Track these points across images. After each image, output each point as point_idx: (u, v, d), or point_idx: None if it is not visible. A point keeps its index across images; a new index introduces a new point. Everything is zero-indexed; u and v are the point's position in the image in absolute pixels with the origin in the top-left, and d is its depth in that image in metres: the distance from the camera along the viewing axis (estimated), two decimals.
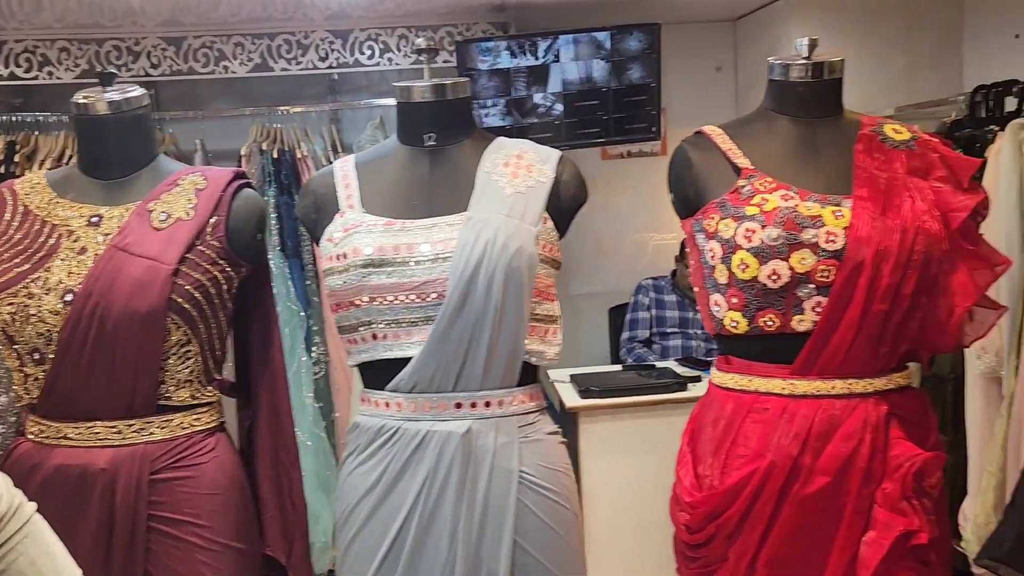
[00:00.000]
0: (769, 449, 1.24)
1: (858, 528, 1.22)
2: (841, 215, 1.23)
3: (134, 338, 1.24)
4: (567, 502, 1.29)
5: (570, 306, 3.93)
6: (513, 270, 1.19)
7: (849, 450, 1.22)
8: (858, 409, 1.23)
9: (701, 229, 1.33)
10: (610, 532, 2.69)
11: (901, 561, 1.20)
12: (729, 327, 1.31)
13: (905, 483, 1.20)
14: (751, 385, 1.29)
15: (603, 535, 2.74)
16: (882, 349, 1.23)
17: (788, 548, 1.24)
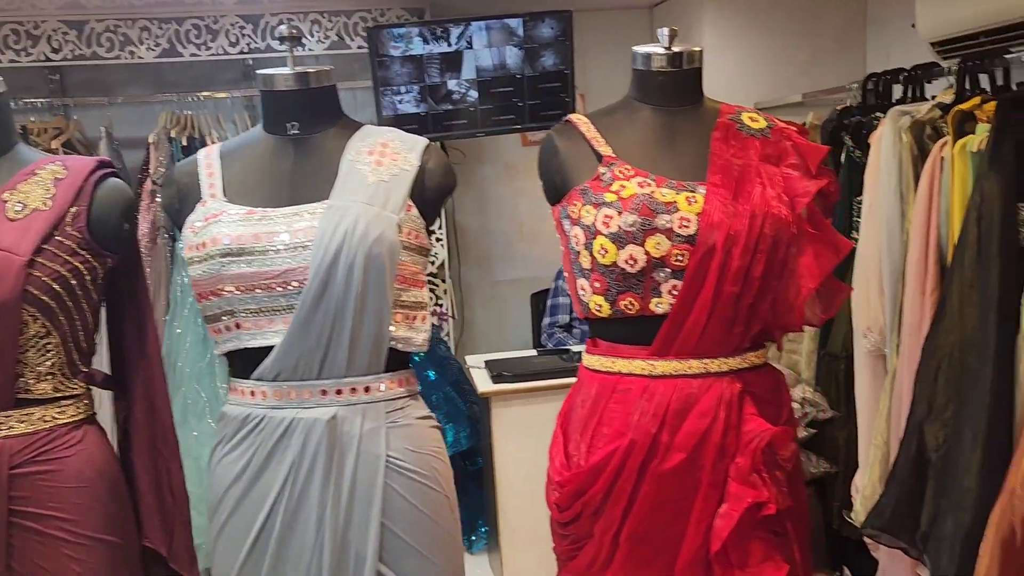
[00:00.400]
0: (630, 428, 1.29)
1: (713, 501, 1.27)
2: (695, 201, 1.27)
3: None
4: (437, 485, 1.31)
5: (493, 292, 3.97)
6: (373, 257, 1.21)
7: (704, 426, 1.27)
8: (713, 387, 1.28)
9: (567, 215, 1.36)
10: (523, 514, 2.74)
11: (753, 531, 1.25)
12: (594, 311, 1.34)
13: (755, 457, 1.25)
14: (615, 366, 1.33)
15: (516, 517, 2.79)
16: (735, 329, 1.28)
17: (649, 522, 1.28)
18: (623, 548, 1.29)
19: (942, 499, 1.88)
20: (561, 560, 1.41)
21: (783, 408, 1.34)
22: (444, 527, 1.31)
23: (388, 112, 3.21)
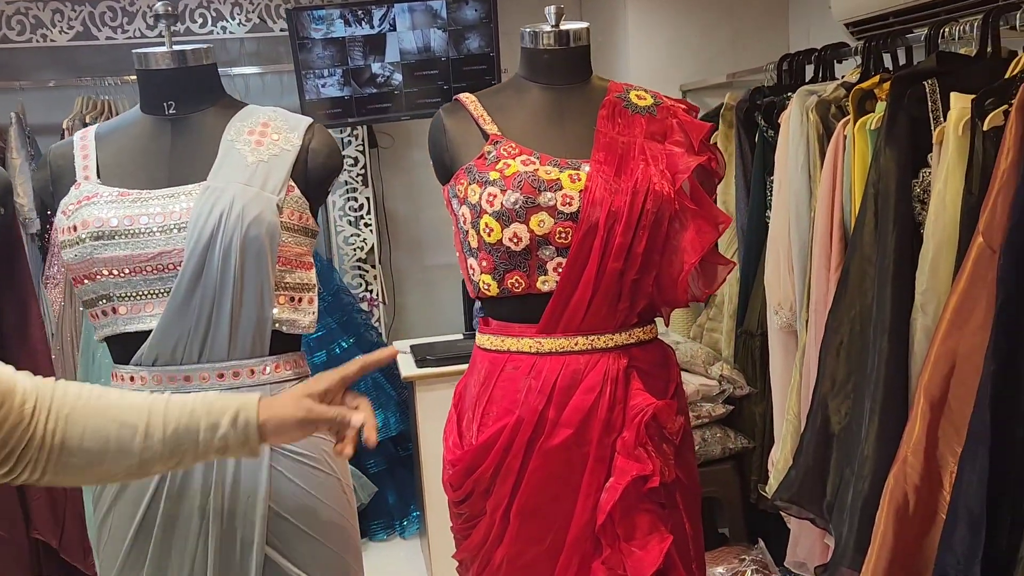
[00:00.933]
0: (518, 405, 1.29)
1: (600, 476, 1.29)
2: (578, 179, 1.28)
3: None
4: (326, 467, 1.30)
5: (424, 277, 3.95)
6: (251, 239, 1.19)
7: (590, 402, 1.28)
8: (600, 363, 1.29)
9: (454, 194, 1.36)
10: None
11: (639, 504, 1.27)
12: (483, 290, 1.34)
13: (640, 431, 1.27)
14: (504, 345, 1.34)
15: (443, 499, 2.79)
16: (620, 305, 1.29)
17: (538, 497, 1.29)
18: (513, 524, 1.30)
19: (845, 469, 1.93)
20: (457, 539, 1.42)
21: (671, 383, 1.36)
22: (336, 509, 1.31)
23: (311, 96, 3.17)
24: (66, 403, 0.93)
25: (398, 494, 3.42)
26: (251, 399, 1.01)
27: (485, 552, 1.33)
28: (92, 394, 0.96)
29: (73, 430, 0.93)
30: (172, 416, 0.98)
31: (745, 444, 2.59)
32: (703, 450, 2.53)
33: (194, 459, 1.00)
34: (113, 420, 0.95)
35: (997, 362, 1.49)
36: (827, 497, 2.00)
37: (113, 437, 0.94)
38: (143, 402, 0.98)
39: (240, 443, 0.99)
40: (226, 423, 0.98)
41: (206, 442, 0.98)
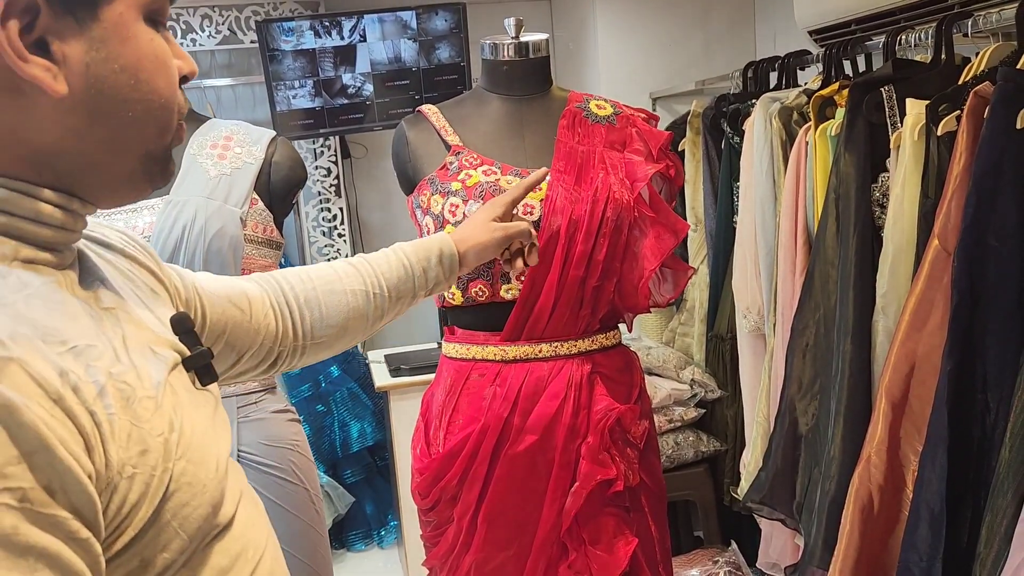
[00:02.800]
0: (483, 412, 1.31)
1: (566, 481, 1.30)
2: (538, 188, 1.30)
3: None
4: (294, 478, 1.31)
5: None
6: (214, 252, 1.20)
7: (554, 408, 1.29)
8: (564, 370, 1.31)
9: (418, 205, 1.37)
10: None
11: (603, 508, 1.29)
12: (448, 299, 1.36)
13: (604, 436, 1.28)
14: (469, 353, 1.35)
15: None
16: (582, 312, 1.31)
17: (504, 504, 1.31)
18: (480, 530, 1.31)
19: (813, 470, 1.96)
20: (427, 546, 1.43)
21: (634, 388, 1.38)
22: (304, 519, 1.31)
23: (282, 107, 3.17)
24: (298, 292, 0.96)
25: (375, 504, 3.42)
26: (445, 236, 1.11)
27: (454, 559, 1.34)
28: (311, 275, 0.99)
29: (315, 314, 0.97)
30: (387, 274, 1.04)
31: (717, 447, 2.61)
32: (676, 454, 2.56)
33: (411, 302, 1.08)
34: (343, 292, 0.99)
35: (953, 362, 1.53)
36: (796, 498, 2.03)
37: (350, 307, 0.99)
38: (352, 268, 1.02)
39: (448, 275, 1.10)
40: (435, 263, 1.08)
41: (421, 283, 1.07)
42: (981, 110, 1.56)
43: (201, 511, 0.59)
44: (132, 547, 0.55)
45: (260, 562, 0.67)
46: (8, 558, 0.46)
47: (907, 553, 1.61)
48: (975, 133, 1.57)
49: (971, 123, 1.58)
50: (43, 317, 0.53)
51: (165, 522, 0.56)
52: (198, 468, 0.60)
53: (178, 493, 0.57)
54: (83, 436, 0.51)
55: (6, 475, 0.47)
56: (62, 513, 0.49)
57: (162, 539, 0.56)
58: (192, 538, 0.59)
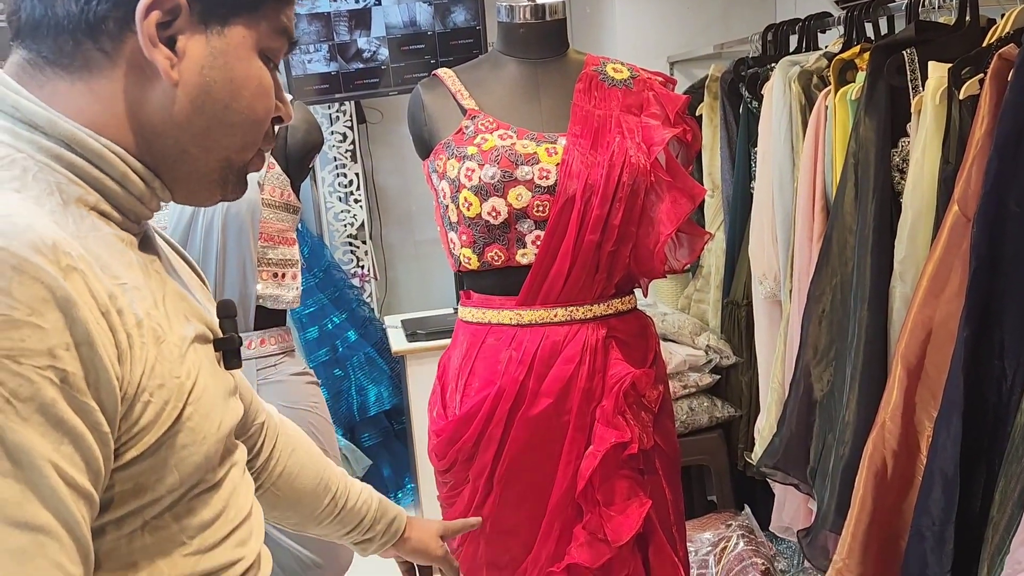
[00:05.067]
0: (499, 376, 1.32)
1: (580, 444, 1.32)
2: (555, 152, 1.29)
3: None
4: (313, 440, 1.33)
5: (416, 252, 3.97)
6: (232, 216, 1.21)
7: (570, 372, 1.30)
8: (579, 334, 1.32)
9: (434, 170, 1.37)
10: None
11: (618, 471, 1.30)
12: (464, 263, 1.36)
13: (619, 399, 1.29)
14: (485, 317, 1.36)
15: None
16: (598, 277, 1.31)
17: (519, 465, 1.32)
18: (496, 490, 1.33)
19: (828, 435, 1.97)
20: (443, 507, 1.45)
21: (649, 352, 1.38)
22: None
23: (298, 71, 3.16)
24: (288, 437, 0.97)
25: (393, 467, 3.47)
26: (403, 514, 1.09)
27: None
28: (303, 439, 1.00)
29: (293, 467, 0.96)
30: (353, 493, 1.03)
31: (732, 413, 2.62)
32: (690, 419, 2.57)
33: (342, 537, 1.05)
34: (320, 474, 0.98)
35: (970, 328, 1.52)
36: (810, 463, 2.04)
37: (313, 489, 0.97)
38: (337, 470, 1.03)
39: (380, 544, 1.06)
40: (383, 524, 1.05)
41: (363, 529, 1.04)
42: (1005, 73, 1.54)
43: (196, 459, 0.65)
44: (131, 467, 0.61)
45: (240, 525, 0.72)
46: (44, 424, 0.54)
47: (920, 518, 1.62)
48: (998, 97, 1.54)
49: (994, 87, 1.56)
50: (105, 255, 0.61)
51: (164, 456, 0.63)
52: (203, 420, 0.66)
53: (181, 434, 0.64)
54: (118, 349, 0.58)
55: (56, 356, 0.54)
56: (92, 404, 0.56)
57: (158, 471, 0.63)
58: (184, 481, 0.65)
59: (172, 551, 0.65)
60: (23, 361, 0.53)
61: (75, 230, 0.60)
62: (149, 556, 0.63)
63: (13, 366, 0.53)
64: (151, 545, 0.64)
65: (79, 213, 0.62)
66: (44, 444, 0.54)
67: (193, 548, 0.66)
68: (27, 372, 0.53)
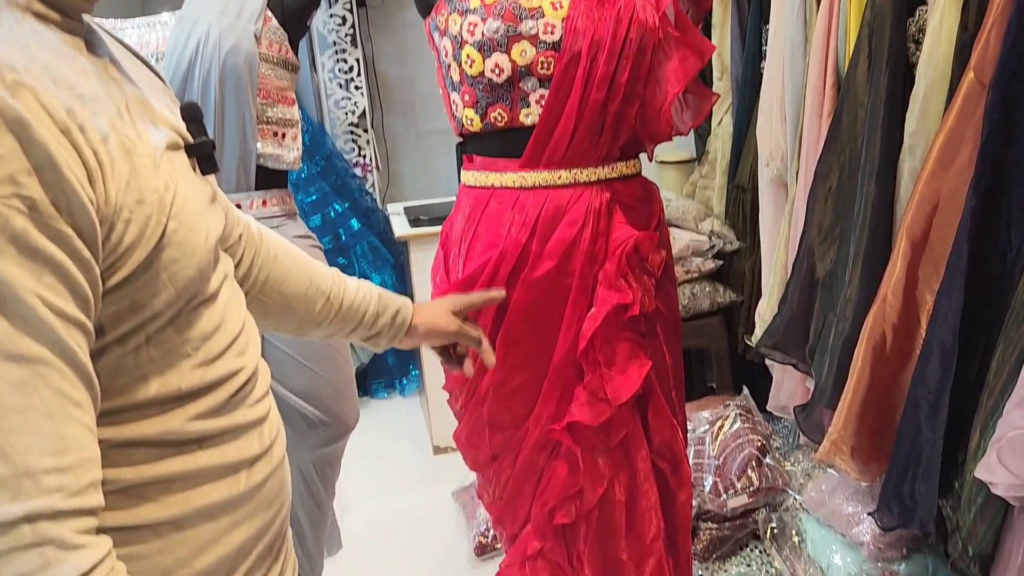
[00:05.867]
0: (501, 239, 1.32)
1: (583, 307, 1.32)
2: (560, 6, 1.25)
3: None
4: None
5: (419, 143, 3.91)
6: (229, 68, 1.18)
7: (573, 235, 1.30)
8: (583, 197, 1.31)
9: (436, 27, 1.33)
10: None
11: (619, 332, 1.31)
12: (467, 125, 1.34)
13: (621, 262, 1.29)
14: (488, 180, 1.35)
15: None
16: (603, 138, 1.29)
17: (521, 327, 1.33)
18: (499, 352, 1.34)
19: (829, 313, 1.98)
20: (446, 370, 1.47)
21: (653, 217, 1.37)
22: (329, 342, 1.35)
23: None
24: (271, 244, 0.95)
25: (397, 354, 3.51)
26: (408, 302, 1.08)
27: (472, 381, 1.38)
28: (287, 245, 0.98)
29: (278, 273, 0.94)
30: (350, 291, 1.02)
31: (734, 298, 2.63)
32: (692, 304, 2.59)
33: (347, 335, 1.05)
34: (309, 276, 0.97)
35: (978, 198, 1.51)
36: (809, 342, 2.06)
37: (305, 290, 0.97)
38: (327, 269, 1.02)
39: (390, 337, 1.07)
40: (387, 316, 1.04)
41: (367, 326, 1.03)
42: None
43: (189, 272, 0.65)
44: (125, 287, 0.60)
45: (238, 336, 0.73)
46: (18, 256, 0.52)
47: (916, 387, 1.64)
48: None
49: None
50: (54, 63, 0.56)
51: (156, 272, 0.62)
52: (190, 232, 0.64)
53: (169, 249, 0.63)
54: (87, 169, 0.55)
55: (18, 183, 0.51)
56: (67, 230, 0.54)
57: (153, 286, 0.62)
58: (179, 295, 0.65)
59: (178, 363, 0.66)
60: None
61: (13, 37, 0.55)
62: (158, 369, 0.64)
63: None
64: (158, 358, 0.64)
65: (13, 17, 0.57)
66: (24, 276, 0.52)
67: (199, 360, 0.67)
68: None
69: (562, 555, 1.38)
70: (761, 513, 2.20)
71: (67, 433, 0.55)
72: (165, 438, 0.65)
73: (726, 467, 2.23)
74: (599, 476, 1.34)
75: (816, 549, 2.04)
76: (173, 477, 0.66)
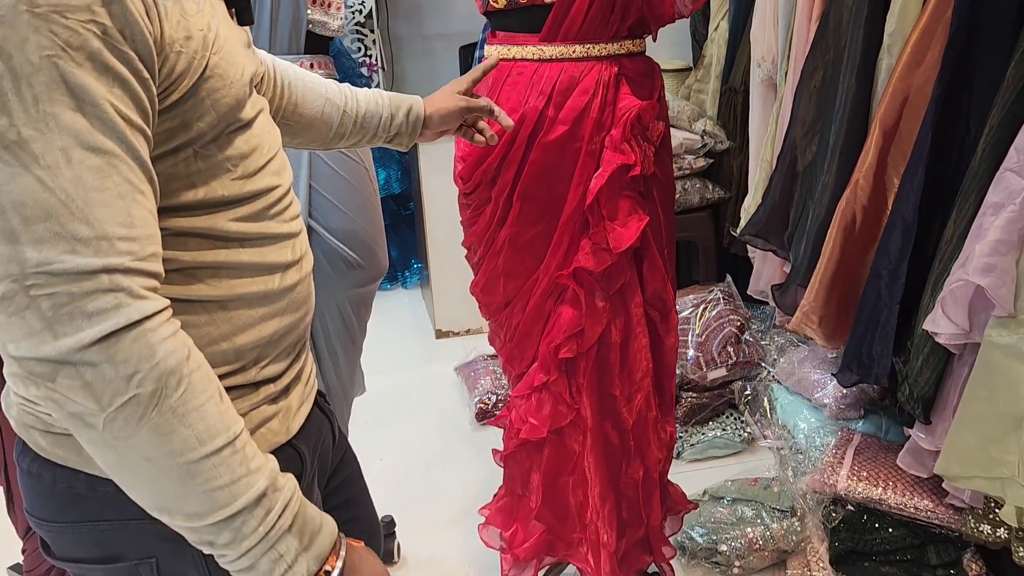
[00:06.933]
0: (521, 105, 1.49)
1: (591, 167, 1.50)
2: None
3: None
4: (357, 157, 1.52)
5: (424, 46, 4.02)
6: None
7: (584, 103, 1.47)
8: (594, 69, 1.47)
9: None
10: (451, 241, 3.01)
11: (621, 191, 1.50)
12: (492, 3, 1.50)
13: (626, 128, 1.47)
14: (509, 53, 1.51)
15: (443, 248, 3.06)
16: (613, 17, 1.45)
17: (537, 184, 1.52)
18: (515, 207, 1.53)
19: (808, 201, 2.17)
20: (465, 227, 1.66)
21: (655, 91, 1.55)
22: (364, 193, 1.54)
23: None
24: (289, 76, 1.09)
25: (400, 249, 3.70)
26: (419, 98, 1.21)
27: (490, 234, 1.57)
28: (301, 72, 1.12)
29: (294, 97, 1.09)
30: (362, 101, 1.16)
31: (721, 195, 2.82)
32: (683, 199, 2.78)
33: (370, 140, 1.19)
34: (322, 95, 1.12)
35: (942, 88, 1.69)
36: (788, 229, 2.26)
37: (323, 110, 1.12)
38: (337, 85, 1.16)
39: (409, 132, 1.21)
40: (402, 115, 1.18)
41: (384, 126, 1.17)
42: None
43: (228, 100, 0.78)
44: (177, 107, 0.74)
45: (273, 159, 0.87)
46: (95, 70, 0.65)
47: (878, 259, 1.85)
48: None
49: None
50: None
51: (201, 97, 0.75)
52: (228, 66, 0.79)
53: (211, 79, 0.75)
54: (145, 6, 0.69)
55: (94, 11, 0.65)
56: (131, 53, 0.67)
57: (199, 109, 0.75)
58: (221, 118, 0.78)
59: (221, 175, 0.80)
60: (69, 16, 0.63)
61: None
62: (204, 178, 0.79)
63: (62, 20, 0.62)
64: (204, 170, 0.79)
65: None
66: (99, 86, 0.65)
67: (238, 174, 0.82)
68: (74, 25, 0.63)
69: (564, 387, 1.60)
70: (737, 384, 2.44)
71: (135, 212, 0.68)
72: (212, 232, 0.80)
73: (708, 343, 2.45)
74: (599, 317, 1.54)
75: (784, 413, 2.29)
76: (220, 265, 0.80)
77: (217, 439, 0.71)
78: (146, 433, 0.69)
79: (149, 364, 0.68)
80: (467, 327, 3.15)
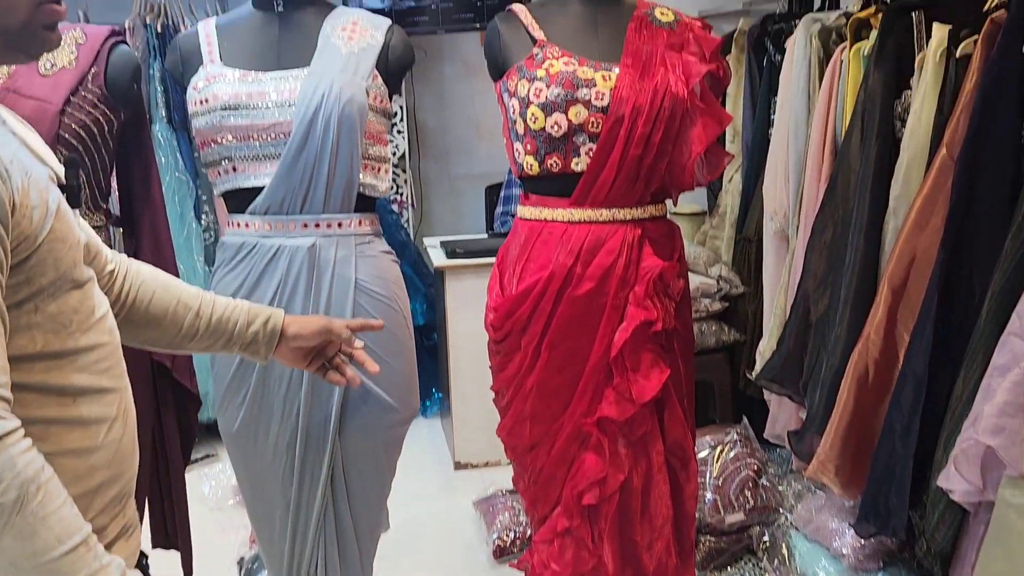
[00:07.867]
0: (551, 262, 1.60)
1: (615, 320, 1.60)
2: (609, 79, 1.56)
3: None
4: (396, 306, 1.62)
5: (451, 186, 4.24)
6: (346, 116, 1.48)
7: (610, 261, 1.59)
8: (619, 231, 1.60)
9: (506, 89, 1.64)
10: (472, 375, 3.09)
11: (644, 344, 1.59)
12: (527, 169, 1.64)
13: (648, 286, 1.58)
14: (541, 215, 1.64)
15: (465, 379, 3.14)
16: (638, 185, 1.59)
17: (564, 335, 1.61)
18: (543, 356, 1.62)
19: (821, 351, 2.25)
20: (495, 372, 1.74)
21: (675, 251, 1.66)
22: (401, 339, 1.63)
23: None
24: (140, 275, 1.17)
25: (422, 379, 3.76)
26: (280, 311, 1.26)
27: (519, 380, 1.66)
28: (158, 275, 1.20)
29: (143, 295, 1.14)
30: (218, 307, 1.19)
31: (737, 337, 2.91)
32: (699, 341, 2.86)
33: (223, 347, 1.22)
34: (174, 297, 1.18)
35: (946, 251, 1.80)
36: (803, 377, 2.33)
37: (171, 310, 1.16)
38: (196, 291, 1.23)
39: (265, 342, 1.23)
40: (258, 324, 1.22)
41: (239, 334, 1.20)
42: (995, 35, 1.78)
43: (67, 260, 0.89)
44: (26, 263, 0.85)
45: (103, 318, 0.96)
46: None
47: (891, 412, 1.91)
48: (987, 56, 1.79)
49: (985, 47, 1.80)
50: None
51: (44, 255, 0.86)
52: (68, 231, 0.90)
53: (53, 242, 0.87)
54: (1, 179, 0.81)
55: None
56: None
57: (42, 267, 0.86)
58: (60, 277, 0.88)
59: (59, 330, 0.89)
60: None
61: None
62: (43, 330, 0.88)
63: None
64: (43, 322, 0.88)
65: None
66: None
67: (73, 328, 0.91)
68: None
69: (586, 533, 1.64)
70: (755, 529, 2.45)
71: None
72: (45, 386, 0.87)
73: (725, 486, 2.48)
74: (621, 465, 1.60)
75: (803, 561, 2.28)
76: (51, 420, 0.88)
77: (74, 538, 0.82)
78: (10, 539, 0.78)
79: (11, 474, 0.78)
80: (486, 459, 3.18)
